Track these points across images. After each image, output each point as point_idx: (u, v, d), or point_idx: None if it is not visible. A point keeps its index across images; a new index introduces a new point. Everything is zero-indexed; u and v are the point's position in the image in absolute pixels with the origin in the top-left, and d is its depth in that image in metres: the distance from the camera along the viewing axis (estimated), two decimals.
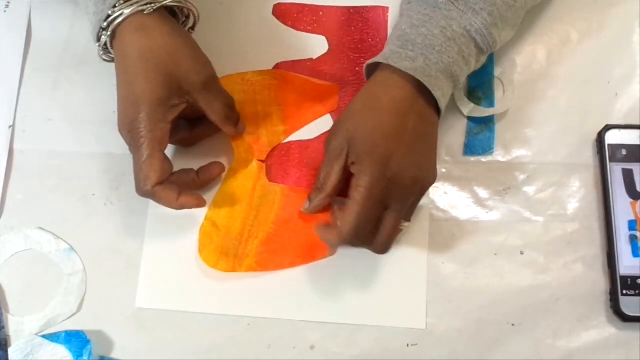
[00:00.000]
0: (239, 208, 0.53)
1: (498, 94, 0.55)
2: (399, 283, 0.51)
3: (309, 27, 0.57)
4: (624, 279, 0.50)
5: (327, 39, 0.57)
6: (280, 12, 0.58)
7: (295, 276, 0.52)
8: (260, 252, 0.52)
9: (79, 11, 0.57)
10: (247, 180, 0.54)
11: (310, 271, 0.52)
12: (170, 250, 0.53)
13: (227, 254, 0.52)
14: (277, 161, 0.54)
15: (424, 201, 0.50)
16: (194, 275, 0.52)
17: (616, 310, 0.49)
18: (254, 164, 0.54)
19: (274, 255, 0.52)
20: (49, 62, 0.57)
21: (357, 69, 0.56)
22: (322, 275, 0.52)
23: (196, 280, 0.52)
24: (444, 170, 0.54)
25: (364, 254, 0.50)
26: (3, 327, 0.51)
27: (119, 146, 0.54)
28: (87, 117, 0.56)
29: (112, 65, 0.56)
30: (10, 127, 0.55)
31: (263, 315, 0.51)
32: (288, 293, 0.51)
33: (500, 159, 0.54)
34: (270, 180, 0.54)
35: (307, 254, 0.52)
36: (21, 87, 0.57)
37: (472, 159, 0.54)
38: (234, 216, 0.53)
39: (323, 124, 0.55)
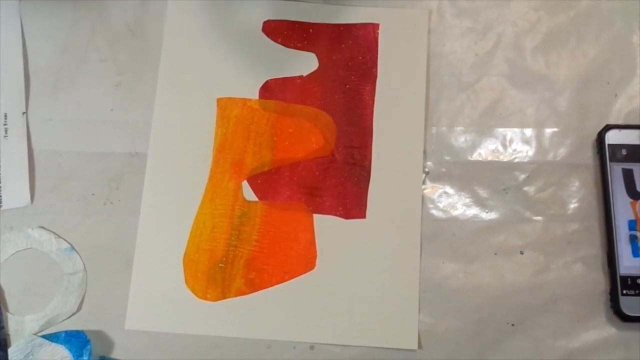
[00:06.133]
0: (220, 229, 0.53)
1: None
2: (389, 301, 0.51)
3: (299, 44, 0.56)
4: (624, 279, 0.50)
5: (317, 56, 0.56)
6: (270, 29, 0.57)
7: (282, 294, 0.51)
8: (247, 272, 0.52)
9: (78, 10, 0.57)
10: (225, 201, 0.53)
11: (298, 288, 0.51)
12: (159, 273, 0.52)
13: (214, 279, 0.52)
14: (267, 179, 0.54)
15: (415, 216, 0.50)
16: (183, 297, 0.52)
17: (616, 310, 0.49)
18: (230, 184, 0.54)
19: (261, 274, 0.52)
20: (49, 61, 0.57)
21: (347, 86, 0.55)
22: (310, 293, 0.51)
23: (186, 302, 0.52)
24: (444, 170, 0.54)
25: (352, 269, 0.50)
26: (3, 327, 0.51)
27: (119, 146, 0.55)
28: (87, 117, 0.56)
29: (112, 65, 0.56)
30: (23, 113, 0.55)
31: (253, 336, 0.51)
32: (277, 313, 0.51)
33: (500, 158, 0.54)
34: (260, 199, 0.53)
35: (294, 269, 0.52)
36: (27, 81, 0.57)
37: (472, 158, 0.54)
38: (216, 238, 0.53)
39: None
